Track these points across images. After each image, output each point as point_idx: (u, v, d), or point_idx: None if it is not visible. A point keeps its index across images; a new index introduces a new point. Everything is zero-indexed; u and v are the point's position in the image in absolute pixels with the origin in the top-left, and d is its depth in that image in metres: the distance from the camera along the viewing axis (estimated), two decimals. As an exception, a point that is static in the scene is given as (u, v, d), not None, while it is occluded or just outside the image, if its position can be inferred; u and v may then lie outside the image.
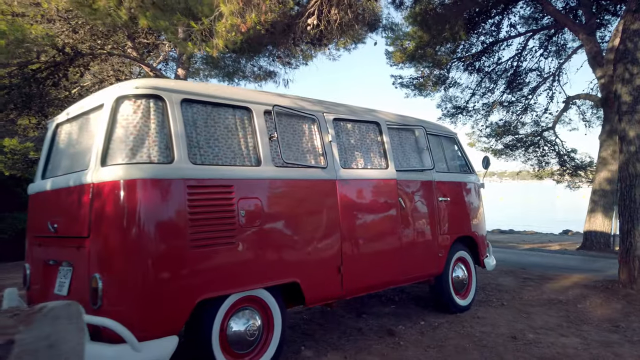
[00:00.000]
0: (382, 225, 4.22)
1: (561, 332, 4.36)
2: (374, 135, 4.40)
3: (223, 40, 4.79)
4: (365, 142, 4.31)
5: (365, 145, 4.30)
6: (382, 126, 4.45)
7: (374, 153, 4.34)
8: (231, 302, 3.17)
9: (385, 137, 4.43)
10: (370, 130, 4.39)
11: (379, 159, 4.35)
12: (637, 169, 5.46)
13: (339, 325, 4.62)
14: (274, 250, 3.35)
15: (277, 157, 3.51)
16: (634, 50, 5.34)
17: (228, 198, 3.13)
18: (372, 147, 4.34)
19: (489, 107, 17.12)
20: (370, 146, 4.33)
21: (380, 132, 4.44)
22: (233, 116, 3.37)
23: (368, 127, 4.38)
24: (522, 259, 9.39)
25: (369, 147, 4.32)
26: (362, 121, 4.33)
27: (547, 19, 14.88)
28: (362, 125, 4.34)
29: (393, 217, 4.30)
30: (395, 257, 4.31)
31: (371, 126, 4.41)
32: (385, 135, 4.44)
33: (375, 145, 4.37)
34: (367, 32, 10.54)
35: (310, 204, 3.64)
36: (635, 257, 5.48)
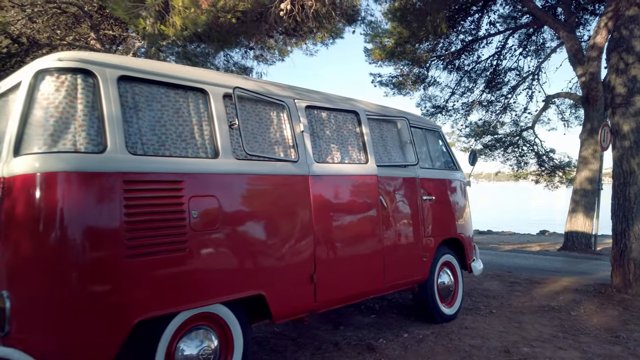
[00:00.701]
0: (361, 227, 3.73)
1: (558, 345, 3.95)
2: (352, 126, 3.92)
3: (181, 18, 4.24)
4: (342, 134, 3.82)
5: (342, 137, 3.81)
6: (361, 116, 3.97)
7: (352, 146, 3.86)
8: (180, 321, 2.63)
9: (364, 128, 3.95)
10: (347, 121, 3.90)
11: (357, 153, 3.87)
12: (632, 166, 5.12)
13: (313, 340, 4.12)
14: (233, 258, 2.82)
15: (239, 149, 2.99)
16: (629, 38, 4.99)
17: (176, 196, 2.60)
18: (350, 140, 3.86)
19: (469, 107, 16.91)
20: (347, 138, 3.85)
21: (359, 122, 3.96)
22: (185, 99, 2.83)
23: (345, 117, 3.90)
24: (506, 260, 9.05)
25: (347, 139, 3.84)
26: (338, 110, 3.84)
27: (526, 18, 14.73)
28: (339, 115, 3.85)
29: (373, 218, 3.82)
30: (375, 263, 3.83)
31: (349, 116, 3.93)
32: (365, 126, 3.96)
33: (353, 137, 3.89)
34: (345, 25, 10.08)
35: (277, 203, 3.13)
36: (630, 260, 5.14)
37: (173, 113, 2.76)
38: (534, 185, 18.19)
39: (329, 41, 11.46)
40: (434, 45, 14.95)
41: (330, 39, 11.29)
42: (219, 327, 2.85)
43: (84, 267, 2.25)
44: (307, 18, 6.58)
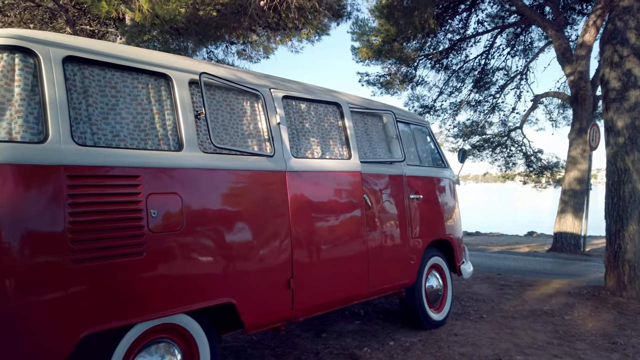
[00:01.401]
0: (343, 228, 3.46)
1: (553, 352, 3.71)
2: (334, 119, 3.65)
3: (148, 1, 3.94)
4: (323, 127, 3.54)
5: (323, 131, 3.54)
6: (343, 109, 3.70)
7: (334, 141, 3.58)
8: (137, 334, 2.33)
9: (347, 121, 3.68)
10: (329, 113, 3.63)
11: (339, 148, 3.59)
12: (627, 163, 4.92)
13: (293, 349, 3.84)
14: (199, 263, 2.53)
15: (206, 141, 2.70)
16: (623, 30, 4.79)
17: (132, 193, 2.30)
18: (332, 134, 3.59)
19: (457, 107, 16.77)
20: (329, 132, 3.57)
21: (341, 115, 3.69)
22: (144, 85, 2.53)
23: (327, 109, 3.62)
24: (495, 262, 8.85)
25: (328, 133, 3.56)
26: (319, 101, 3.57)
27: (514, 17, 14.63)
28: (320, 107, 3.58)
29: (357, 217, 3.55)
30: (359, 266, 3.56)
31: (330, 108, 3.65)
32: (348, 119, 3.69)
33: (335, 131, 3.61)
34: (331, 20, 9.82)
35: (250, 202, 2.84)
36: (625, 262, 4.93)
37: (130, 100, 2.46)
38: (522, 186, 18.12)
39: (315, 38, 11.20)
40: (422, 44, 14.78)
41: (316, 36, 11.02)
42: (183, 340, 2.55)
43: (20, 274, 1.94)
44: (290, 11, 6.30)
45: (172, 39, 8.67)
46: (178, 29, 7.53)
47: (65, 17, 10.12)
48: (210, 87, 2.84)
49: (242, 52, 9.87)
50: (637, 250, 4.88)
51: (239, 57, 11.78)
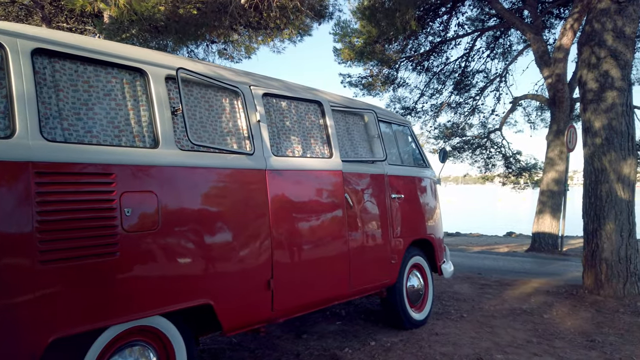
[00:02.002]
0: (325, 228, 3.42)
1: (533, 351, 3.73)
2: (315, 117, 3.61)
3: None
4: (303, 126, 3.50)
5: (304, 129, 3.49)
6: (325, 107, 3.66)
7: (315, 139, 3.54)
8: (110, 337, 2.25)
9: (328, 120, 3.64)
10: (310, 112, 3.59)
11: (320, 147, 3.56)
12: (604, 163, 4.99)
13: (273, 351, 3.78)
14: (176, 263, 2.46)
15: (184, 138, 2.64)
16: (601, 32, 4.86)
17: (105, 191, 2.22)
18: (313, 132, 3.55)
19: (438, 108, 16.91)
20: (310, 130, 3.53)
21: (322, 114, 3.65)
22: (119, 80, 2.46)
23: (308, 107, 3.58)
24: (475, 262, 8.92)
25: (309, 131, 3.52)
26: (300, 100, 3.52)
27: (493, 21, 14.83)
28: (301, 105, 3.53)
29: (338, 217, 3.51)
30: (341, 266, 3.53)
31: (312, 106, 3.61)
32: (329, 118, 3.65)
33: (316, 129, 3.58)
34: (313, 21, 9.78)
35: (228, 201, 2.78)
36: (602, 260, 5.00)
37: (104, 95, 2.38)
38: (501, 187, 18.34)
39: (297, 38, 11.16)
40: (403, 46, 14.88)
41: (298, 36, 10.98)
42: (159, 343, 2.48)
43: (-17, 275, 1.85)
44: (272, 10, 6.25)
45: (151, 37, 8.52)
46: (157, 27, 7.41)
47: (41, 14, 9.88)
48: (188, 83, 2.77)
49: (223, 51, 9.77)
50: (614, 249, 4.96)
51: (220, 56, 11.67)
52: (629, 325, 4.36)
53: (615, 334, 4.12)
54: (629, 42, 4.93)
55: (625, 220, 4.96)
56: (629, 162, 4.95)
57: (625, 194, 4.96)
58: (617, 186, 4.94)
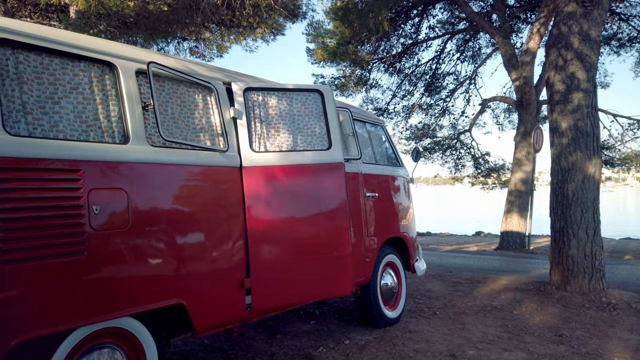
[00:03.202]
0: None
1: (503, 346, 3.80)
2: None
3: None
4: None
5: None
6: (299, 105, 3.63)
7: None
8: (77, 339, 2.17)
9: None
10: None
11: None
12: (570, 163, 5.13)
13: (247, 351, 3.73)
14: (147, 262, 2.39)
15: (155, 134, 2.57)
16: (568, 35, 5.01)
17: (72, 188, 2.14)
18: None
19: (409, 110, 17.11)
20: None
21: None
22: (86, 73, 2.37)
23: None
24: (446, 261, 9.05)
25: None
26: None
27: (463, 24, 15.11)
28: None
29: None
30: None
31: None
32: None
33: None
34: (286, 20, 9.74)
35: (202, 198, 2.72)
36: (568, 257, 5.14)
37: (71, 89, 2.29)
38: (470, 187, 18.68)
39: (270, 37, 11.08)
40: (376, 48, 14.99)
41: (271, 35, 10.91)
42: (129, 344, 2.40)
43: (-61, 276, 1.75)
44: (244, 8, 6.18)
45: (120, 33, 8.32)
46: (126, 22, 7.23)
47: (3, 7, 9.50)
48: (159, 78, 2.70)
49: (195, 49, 9.62)
50: (579, 246, 5.11)
51: (192, 54, 11.47)
52: (595, 319, 4.50)
53: (582, 329, 4.24)
54: (594, 45, 5.09)
55: (590, 218, 5.12)
56: (594, 162, 5.11)
57: (591, 193, 5.12)
58: (583, 185, 5.09)
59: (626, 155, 14.68)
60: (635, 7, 13.14)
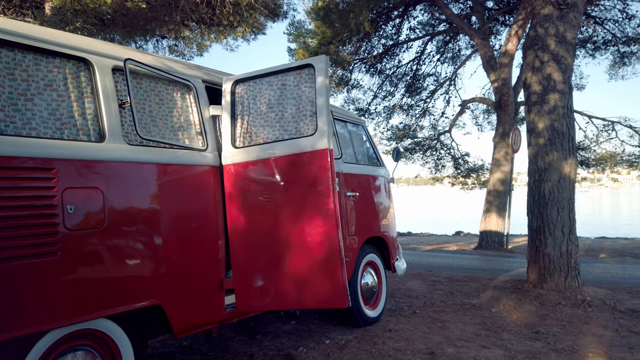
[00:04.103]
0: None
1: (482, 343, 3.85)
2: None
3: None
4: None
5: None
6: (279, 104, 3.61)
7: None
8: (51, 341, 2.12)
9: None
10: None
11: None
12: (546, 162, 5.23)
13: (226, 352, 3.69)
14: (123, 263, 2.35)
15: (132, 132, 2.53)
16: (544, 37, 5.10)
17: (45, 187, 2.09)
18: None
19: (390, 110, 17.22)
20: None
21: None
22: (61, 69, 2.32)
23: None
24: (426, 260, 9.14)
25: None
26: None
27: (443, 26, 15.28)
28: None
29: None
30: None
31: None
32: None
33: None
34: (267, 19, 9.70)
35: (180, 198, 2.69)
36: (545, 256, 5.23)
37: (44, 86, 2.24)
38: (450, 188, 18.88)
39: (251, 36, 11.04)
40: (357, 48, 15.06)
41: (252, 34, 10.87)
42: (104, 347, 2.36)
43: None
44: (225, 6, 6.13)
45: (97, 30, 8.17)
46: (104, 20, 7.11)
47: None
48: (136, 76, 2.66)
49: (174, 47, 9.51)
50: (556, 245, 5.20)
51: (171, 53, 11.35)
52: (570, 316, 4.58)
53: (558, 325, 4.32)
54: (570, 47, 5.20)
55: (566, 217, 5.22)
56: (570, 162, 5.22)
57: (566, 192, 5.22)
58: (559, 184, 5.19)
59: (601, 155, 15.04)
60: (610, 11, 13.47)
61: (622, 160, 15.12)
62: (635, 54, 14.12)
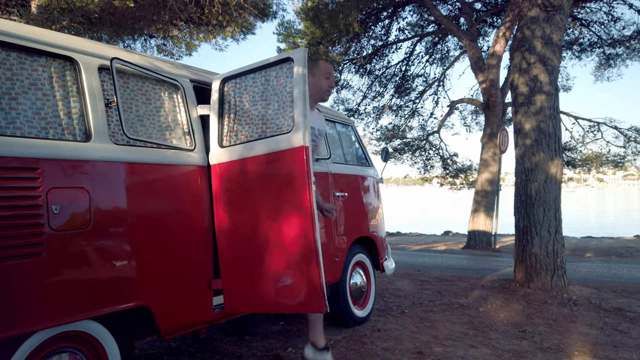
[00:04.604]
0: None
1: (469, 343, 3.87)
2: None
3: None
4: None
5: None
6: (268, 104, 3.60)
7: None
8: (35, 343, 2.09)
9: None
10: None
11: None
12: (533, 163, 5.28)
13: (214, 354, 3.68)
14: (110, 263, 2.33)
15: (118, 132, 2.50)
16: (531, 38, 5.16)
17: (30, 187, 2.06)
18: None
19: (379, 111, 17.28)
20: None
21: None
22: (46, 68, 2.29)
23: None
24: (415, 260, 9.18)
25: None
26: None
27: (432, 27, 15.37)
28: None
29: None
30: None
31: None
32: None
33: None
34: (256, 19, 9.68)
35: (168, 198, 2.67)
36: (531, 255, 5.29)
37: (29, 85, 2.21)
38: (439, 188, 18.99)
39: (240, 36, 11.02)
40: (347, 49, 15.08)
41: (241, 34, 10.84)
42: (91, 348, 2.33)
43: None
44: (214, 5, 6.10)
45: (84, 29, 8.09)
46: (91, 18, 7.04)
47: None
48: (123, 75, 2.64)
49: (163, 47, 9.45)
50: (542, 244, 5.26)
51: (159, 52, 11.28)
52: (556, 315, 4.64)
53: (544, 324, 4.37)
54: (556, 49, 5.26)
55: (552, 217, 5.28)
56: (556, 162, 5.28)
57: (553, 192, 5.28)
58: (545, 185, 5.25)
59: (587, 156, 15.24)
60: (596, 13, 13.65)
61: (608, 161, 15.34)
62: (621, 55, 14.34)
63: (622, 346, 3.77)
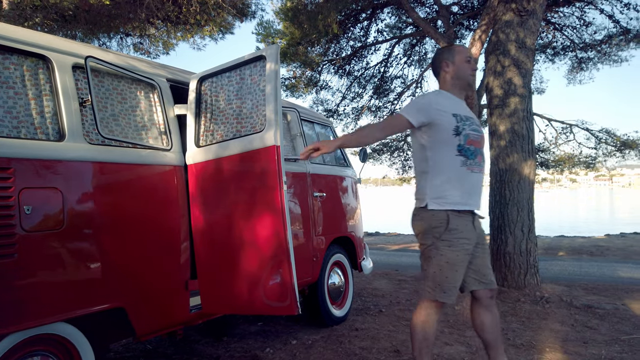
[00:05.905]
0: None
1: (445, 340, 3.94)
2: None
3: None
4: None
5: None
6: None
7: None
8: (6, 347, 2.05)
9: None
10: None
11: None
12: (507, 164, 5.39)
13: (191, 355, 3.65)
14: (83, 265, 2.30)
15: (93, 131, 2.47)
16: (505, 42, 5.27)
17: (1, 187, 2.02)
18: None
19: (359, 112, 17.36)
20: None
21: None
22: (17, 66, 2.25)
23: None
24: (393, 259, 9.27)
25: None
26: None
27: (410, 29, 15.53)
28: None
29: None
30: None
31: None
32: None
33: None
34: (234, 19, 9.63)
35: (144, 199, 2.65)
36: (506, 254, 5.40)
37: (0, 83, 2.16)
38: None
39: (218, 36, 10.94)
40: (326, 49, 15.11)
41: (220, 34, 10.77)
42: (64, 351, 2.30)
43: None
44: (191, 4, 6.05)
45: (58, 27, 7.92)
46: (65, 16, 6.90)
47: None
48: (98, 74, 2.60)
49: (139, 45, 9.31)
50: (516, 244, 5.37)
51: (136, 51, 11.10)
52: (529, 313, 4.74)
53: (517, 322, 4.47)
54: (529, 53, 5.39)
55: (525, 217, 5.40)
56: (529, 163, 5.40)
57: (526, 193, 5.40)
58: (519, 185, 5.37)
59: (560, 157, 15.60)
60: (568, 18, 13.97)
61: (580, 162, 15.72)
62: (592, 59, 14.73)
63: (592, 342, 3.88)
